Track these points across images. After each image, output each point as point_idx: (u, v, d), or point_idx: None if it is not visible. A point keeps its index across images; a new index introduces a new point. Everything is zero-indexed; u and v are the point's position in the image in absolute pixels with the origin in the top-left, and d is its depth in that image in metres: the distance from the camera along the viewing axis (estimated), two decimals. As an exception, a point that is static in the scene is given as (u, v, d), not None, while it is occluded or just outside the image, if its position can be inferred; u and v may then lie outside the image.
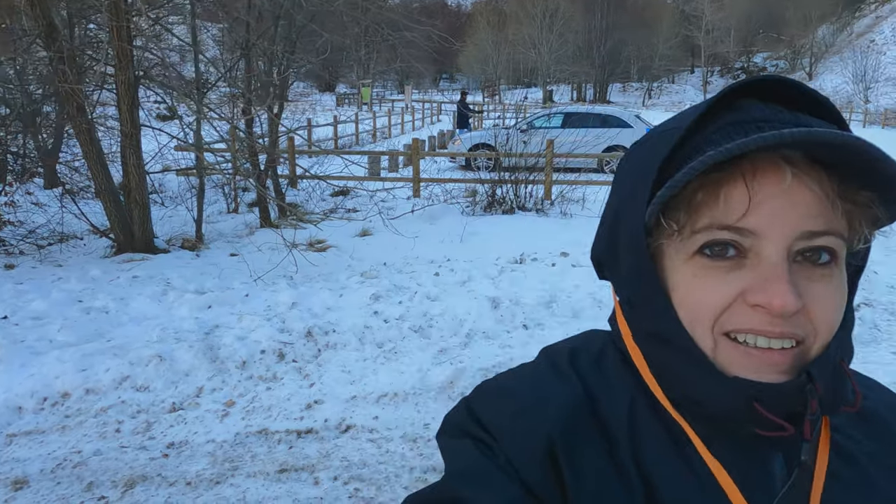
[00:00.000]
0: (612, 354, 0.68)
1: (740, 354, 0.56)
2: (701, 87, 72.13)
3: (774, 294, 0.53)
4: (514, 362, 4.50)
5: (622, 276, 0.64)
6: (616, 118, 16.50)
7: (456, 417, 0.69)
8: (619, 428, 0.62)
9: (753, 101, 0.58)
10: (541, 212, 10.05)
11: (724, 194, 0.55)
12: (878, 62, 48.23)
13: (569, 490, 0.60)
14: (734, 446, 0.59)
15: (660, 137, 0.60)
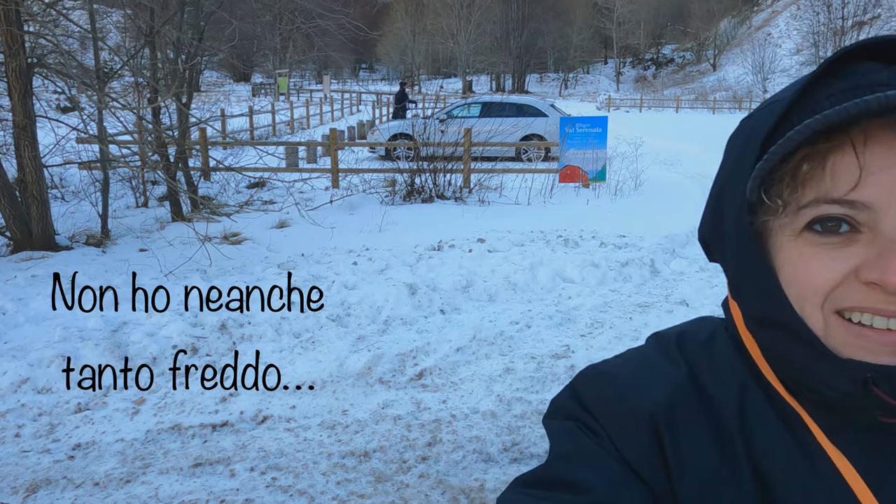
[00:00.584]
0: (722, 339, 0.65)
1: (854, 335, 0.52)
2: (614, 78, 74.52)
3: (889, 270, 0.49)
4: (430, 347, 4.58)
5: (728, 256, 0.60)
6: (532, 107, 16.85)
7: (561, 401, 0.68)
8: (727, 412, 0.60)
9: (875, 65, 0.54)
10: (459, 200, 10.18)
11: (831, 166, 0.52)
12: (774, 54, 51.21)
13: (674, 472, 0.59)
14: (858, 437, 0.56)
15: (767, 109, 0.57)
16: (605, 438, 0.61)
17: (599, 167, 11.42)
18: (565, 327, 5.01)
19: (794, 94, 0.53)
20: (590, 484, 0.58)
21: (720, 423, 0.59)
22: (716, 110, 43.33)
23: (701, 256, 6.83)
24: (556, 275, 5.79)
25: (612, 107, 46.55)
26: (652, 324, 5.05)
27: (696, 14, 68.28)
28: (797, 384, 0.57)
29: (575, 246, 6.91)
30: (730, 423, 0.59)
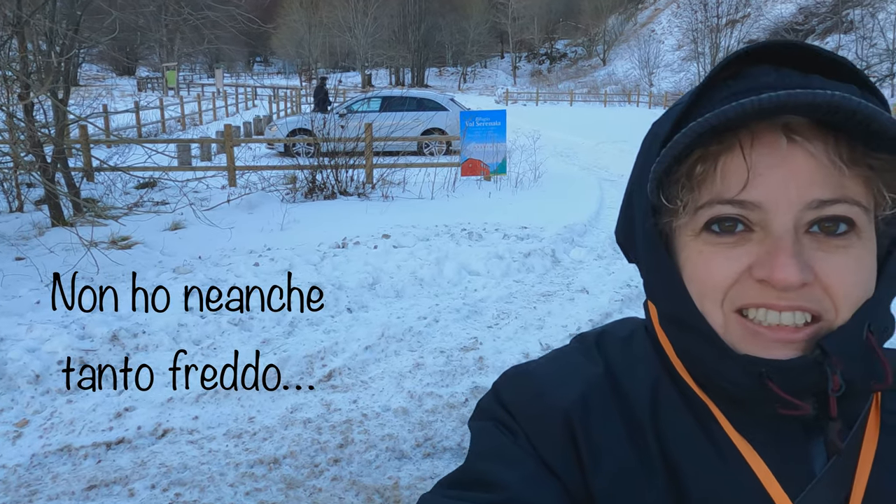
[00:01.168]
0: (640, 337, 0.67)
1: (749, 333, 0.54)
2: (511, 72, 76.16)
3: (775, 267, 0.51)
4: (339, 346, 4.51)
5: (640, 258, 0.63)
6: (432, 101, 16.92)
7: (484, 403, 0.70)
8: (641, 408, 0.61)
9: (765, 67, 0.55)
10: (363, 196, 10.08)
11: (722, 167, 0.53)
12: (658, 50, 54.05)
13: (587, 466, 0.60)
14: (766, 429, 0.57)
15: (669, 112, 0.58)
16: (522, 437, 0.62)
17: (500, 160, 11.64)
18: (473, 320, 5.07)
19: (689, 97, 0.55)
20: (505, 482, 0.59)
21: (634, 418, 0.61)
22: (607, 103, 45.25)
23: (598, 245, 7.12)
24: (461, 268, 5.85)
25: (510, 100, 47.58)
26: (555, 312, 5.21)
27: (585, 10, 70.89)
28: (705, 378, 0.59)
29: (479, 239, 7.01)
30: (643, 418, 0.60)
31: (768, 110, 0.49)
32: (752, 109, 0.49)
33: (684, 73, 47.92)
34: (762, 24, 44.87)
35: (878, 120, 0.48)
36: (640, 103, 43.70)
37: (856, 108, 0.48)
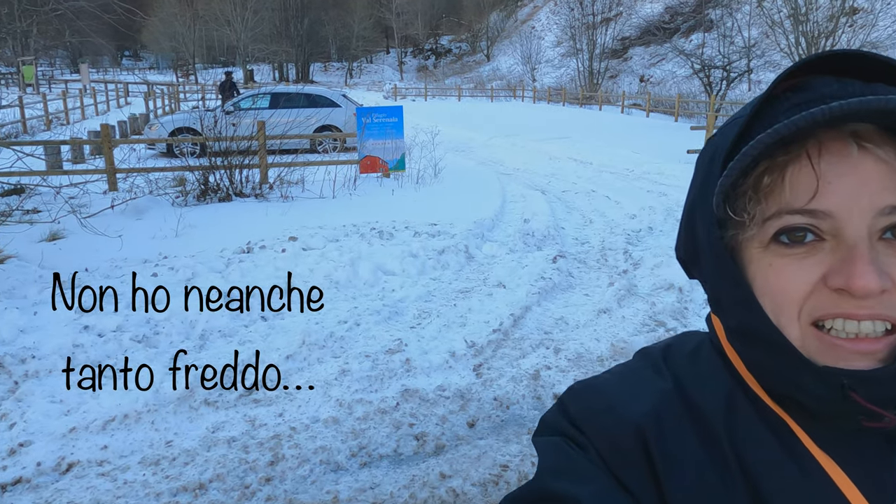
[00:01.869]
0: (707, 351, 0.65)
1: (827, 346, 0.53)
2: (398, 68, 76.07)
3: (853, 275, 0.50)
4: (256, 357, 4.28)
5: (705, 273, 0.61)
6: (325, 98, 16.55)
7: (549, 417, 0.68)
8: (715, 421, 0.59)
9: (826, 78, 0.55)
10: (260, 197, 9.68)
11: (790, 177, 0.53)
12: (539, 46, 55.84)
13: (664, 483, 0.58)
14: (846, 442, 0.56)
15: (729, 126, 0.58)
16: (593, 451, 0.62)
17: (398, 157, 11.56)
18: (394, 321, 4.98)
19: (751, 110, 0.55)
20: (576, 497, 0.58)
21: (708, 432, 0.59)
22: (494, 98, 46.23)
23: (508, 239, 7.23)
24: (377, 268, 5.73)
25: (398, 96, 47.51)
26: (476, 308, 5.22)
27: (467, 7, 72.00)
28: (781, 394, 0.58)
29: (390, 237, 6.91)
30: (718, 432, 0.59)
31: (838, 118, 0.49)
32: (822, 118, 0.49)
33: (565, 68, 49.78)
34: (633, 21, 47.46)
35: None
36: (524, 98, 44.96)
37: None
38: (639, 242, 7.29)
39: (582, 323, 5.01)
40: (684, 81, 34.41)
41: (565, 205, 9.73)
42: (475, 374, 4.23)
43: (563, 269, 6.10)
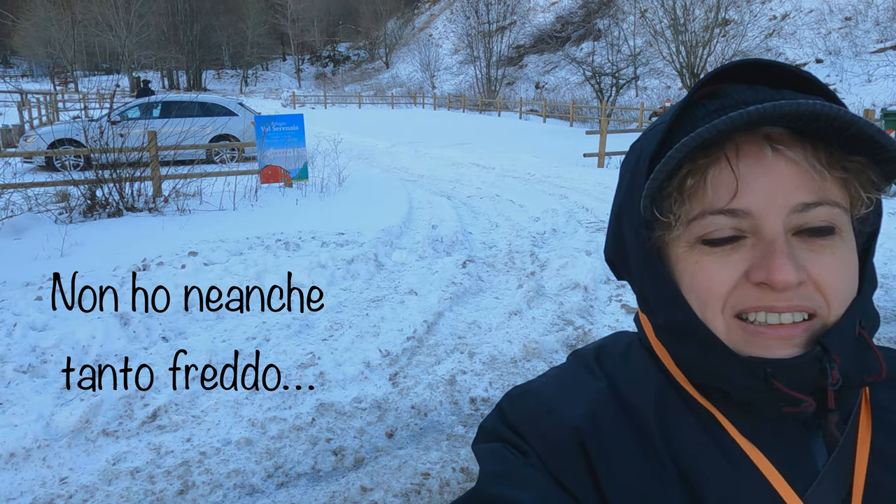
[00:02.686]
0: (637, 350, 0.68)
1: (752, 334, 0.56)
2: (295, 74, 74.62)
3: (773, 269, 0.53)
4: (159, 381, 4.05)
5: (633, 272, 0.64)
6: (220, 106, 15.98)
7: (488, 424, 0.69)
8: (648, 419, 0.61)
9: (740, 86, 0.58)
10: (155, 211, 9.19)
11: (711, 179, 0.56)
12: (437, 53, 56.46)
13: (602, 481, 0.59)
14: (768, 429, 0.59)
15: (651, 133, 0.61)
16: (533, 456, 0.62)
17: (301, 166, 11.34)
18: (305, 334, 4.86)
19: (672, 115, 0.58)
20: (521, 501, 0.58)
21: (641, 428, 0.61)
22: (394, 105, 46.28)
23: (417, 246, 7.23)
24: (284, 281, 5.57)
25: (297, 103, 46.62)
26: (388, 317, 5.18)
27: (364, 14, 71.74)
28: (708, 386, 0.60)
29: (297, 248, 6.74)
30: (650, 427, 0.61)
31: (754, 122, 0.52)
32: (740, 121, 0.52)
33: (463, 75, 50.58)
34: (527, 30, 48.92)
35: (857, 124, 0.52)
36: (425, 105, 45.31)
37: (836, 114, 0.52)
38: (544, 244, 7.50)
39: (494, 326, 5.08)
40: (577, 88, 35.84)
41: (471, 210, 9.86)
42: (391, 383, 4.19)
43: (473, 274, 6.17)
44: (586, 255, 6.34)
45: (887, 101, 18.15)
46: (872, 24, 27.51)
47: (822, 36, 28.35)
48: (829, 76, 25.53)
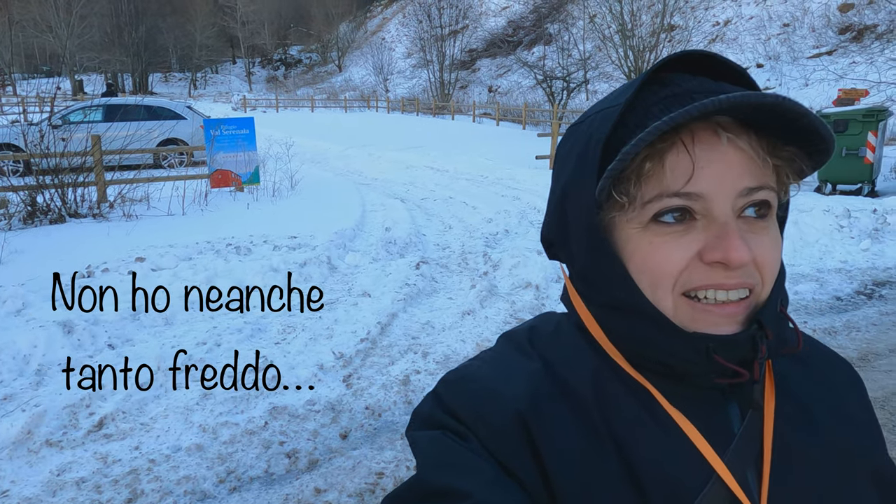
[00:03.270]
0: (567, 328, 0.70)
1: (699, 311, 0.60)
2: (245, 78, 73.44)
3: (730, 249, 0.57)
4: (106, 389, 3.96)
5: (574, 252, 0.65)
6: (168, 110, 15.64)
7: (424, 410, 0.68)
8: (585, 394, 0.63)
9: (683, 75, 0.62)
10: (100, 217, 8.94)
11: (669, 163, 0.58)
12: (390, 57, 56.38)
13: (546, 461, 0.60)
14: (694, 399, 0.63)
15: (600, 116, 0.62)
16: (475, 441, 0.62)
17: (252, 169, 11.19)
18: (257, 338, 4.81)
19: (626, 101, 0.59)
20: (465, 489, 0.58)
21: (579, 405, 0.63)
22: (348, 109, 45.99)
23: (371, 248, 7.23)
24: (236, 285, 5.50)
25: (248, 107, 45.89)
26: (342, 319, 5.17)
27: (316, 17, 71.12)
28: (643, 359, 0.63)
29: (248, 252, 6.66)
30: (588, 404, 0.63)
31: (719, 110, 0.55)
32: (712, 108, 0.54)
33: (417, 79, 50.63)
34: (480, 34, 49.32)
35: (808, 116, 0.57)
36: (378, 108, 45.17)
37: (791, 107, 0.56)
38: (497, 245, 7.58)
39: (448, 325, 5.12)
40: (529, 91, 36.30)
41: (425, 212, 9.90)
42: (345, 384, 4.19)
43: (426, 275, 6.20)
44: (538, 255, 6.44)
45: (823, 104, 18.96)
46: (808, 30, 28.69)
47: (763, 42, 29.43)
48: (769, 80, 26.52)
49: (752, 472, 0.62)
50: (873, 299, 5.70)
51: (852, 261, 6.68)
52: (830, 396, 0.70)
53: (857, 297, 5.75)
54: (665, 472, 0.60)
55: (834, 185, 11.27)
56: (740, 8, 32.87)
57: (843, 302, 5.65)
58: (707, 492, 0.59)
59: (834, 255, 6.83)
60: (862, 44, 26.02)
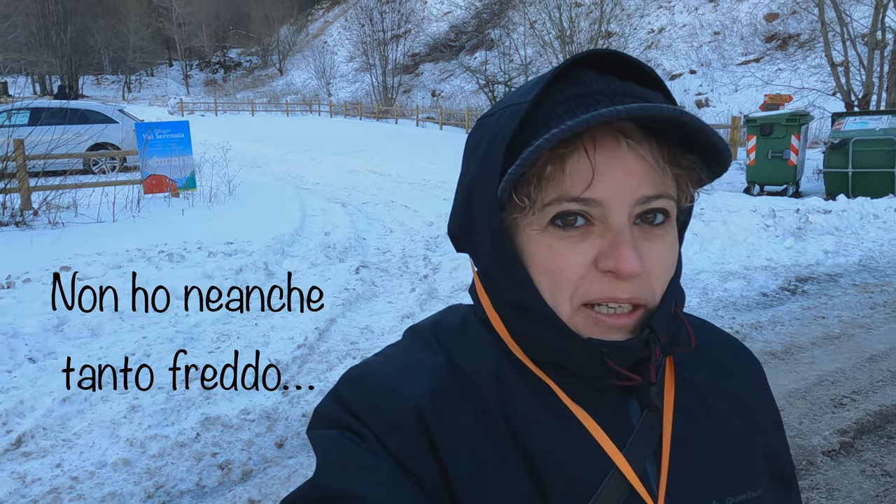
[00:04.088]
0: (473, 323, 0.69)
1: (593, 322, 0.60)
2: (183, 81, 71.52)
3: (621, 259, 0.57)
4: (25, 405, 3.78)
5: (478, 248, 0.65)
6: (98, 113, 15.09)
7: (325, 408, 0.66)
8: (487, 392, 0.63)
9: (590, 73, 0.61)
10: (23, 224, 8.54)
11: (570, 167, 0.58)
12: (332, 61, 55.84)
13: (445, 458, 0.60)
14: (595, 395, 0.64)
15: (507, 113, 0.61)
16: (373, 440, 0.61)
17: (188, 174, 10.90)
18: (191, 347, 4.67)
19: (532, 99, 0.59)
20: (361, 491, 0.57)
21: (480, 401, 0.63)
22: (289, 113, 45.32)
23: (310, 253, 7.13)
24: (168, 293, 5.33)
25: (185, 111, 44.69)
26: (278, 325, 5.07)
27: (256, 19, 69.85)
28: (544, 358, 0.64)
29: (182, 260, 6.47)
30: (489, 399, 0.63)
31: (612, 120, 0.55)
32: (609, 118, 0.54)
33: (360, 83, 50.29)
34: (422, 39, 49.43)
35: (703, 131, 0.57)
36: (321, 112, 44.68)
37: (688, 120, 0.56)
38: (437, 248, 7.59)
39: (387, 329, 5.09)
40: (472, 96, 36.54)
41: (366, 216, 9.83)
42: (281, 392, 4.11)
43: (366, 279, 6.16)
44: (478, 258, 6.48)
45: (751, 109, 19.78)
46: (738, 38, 29.89)
47: (695, 49, 30.50)
48: (701, 86, 27.51)
49: (652, 465, 0.63)
50: (796, 295, 5.96)
51: (777, 258, 6.97)
52: (727, 383, 0.72)
53: (781, 293, 6.00)
54: (565, 466, 0.60)
55: (761, 186, 11.76)
56: (673, 16, 33.99)
57: (768, 298, 5.88)
58: (606, 484, 0.60)
59: (761, 253, 7.11)
60: (786, 52, 27.30)
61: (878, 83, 13.77)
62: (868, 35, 13.65)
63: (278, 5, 69.27)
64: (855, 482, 3.13)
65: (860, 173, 10.48)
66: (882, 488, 3.08)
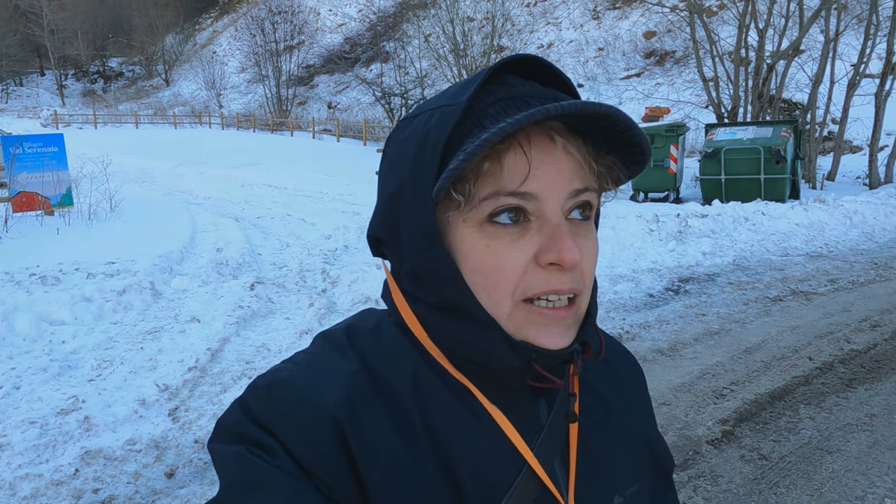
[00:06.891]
0: (388, 327, 0.68)
1: (535, 315, 0.61)
2: (57, 91, 66.76)
3: (564, 250, 0.58)
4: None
5: (406, 251, 0.63)
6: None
7: (229, 420, 0.62)
8: (404, 396, 0.62)
9: (515, 77, 0.63)
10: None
11: (507, 163, 0.59)
12: (223, 71, 54.00)
13: (361, 467, 0.58)
14: (508, 395, 0.65)
15: (437, 114, 0.61)
16: (282, 454, 0.58)
17: (63, 191, 10.17)
18: (67, 376, 4.32)
19: (467, 100, 0.59)
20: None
21: (398, 408, 0.62)
22: (177, 125, 43.35)
23: (201, 270, 6.82)
24: (40, 319, 4.91)
25: (60, 123, 41.73)
26: (167, 348, 4.80)
27: (138, 27, 66.37)
28: (466, 360, 0.64)
29: (56, 282, 5.99)
30: (407, 404, 0.62)
31: (555, 115, 0.57)
32: (554, 113, 0.56)
33: (252, 94, 48.89)
34: (316, 50, 48.81)
35: (633, 130, 0.61)
36: (212, 124, 43.04)
37: (623, 119, 0.60)
38: (336, 261, 7.47)
39: (285, 347, 4.94)
40: (369, 108, 36.46)
41: (261, 230, 9.55)
42: (171, 418, 3.88)
43: (261, 296, 5.96)
44: (377, 269, 6.43)
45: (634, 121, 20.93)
46: (620, 54, 31.63)
47: (582, 63, 31.97)
48: (589, 98, 28.83)
49: (559, 463, 0.66)
50: (679, 294, 6.33)
51: (661, 261, 7.38)
52: (619, 384, 0.78)
53: (666, 294, 6.35)
54: (479, 467, 0.61)
55: (646, 193, 12.45)
56: (561, 32, 35.48)
57: (655, 298, 6.21)
58: (519, 483, 0.62)
59: (646, 256, 7.51)
60: (664, 67, 29.16)
61: (744, 96, 14.95)
62: (734, 53, 14.80)
63: (162, 13, 66.21)
64: (736, 467, 3.35)
65: (732, 180, 11.32)
66: (759, 471, 3.31)
